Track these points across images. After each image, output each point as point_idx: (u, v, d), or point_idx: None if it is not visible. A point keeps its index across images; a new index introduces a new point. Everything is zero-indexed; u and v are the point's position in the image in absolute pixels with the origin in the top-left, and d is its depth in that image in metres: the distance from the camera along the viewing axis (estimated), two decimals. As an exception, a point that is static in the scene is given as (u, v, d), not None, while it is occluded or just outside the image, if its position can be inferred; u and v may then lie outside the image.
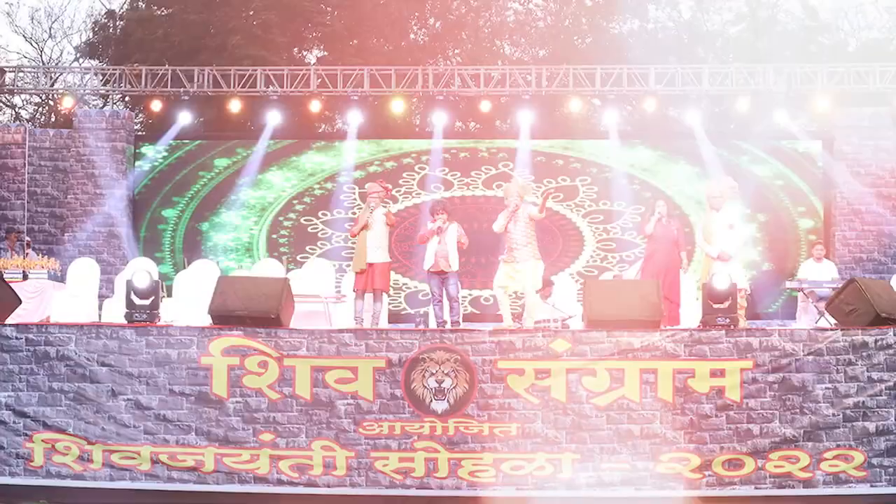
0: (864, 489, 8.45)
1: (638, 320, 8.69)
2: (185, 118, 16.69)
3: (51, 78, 18.44)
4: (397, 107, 16.53)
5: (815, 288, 12.25)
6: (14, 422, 8.67)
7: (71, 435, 8.65)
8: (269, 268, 12.81)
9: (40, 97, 23.53)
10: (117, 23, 23.55)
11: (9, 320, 9.08)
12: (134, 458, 8.63)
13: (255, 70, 16.52)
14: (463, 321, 11.25)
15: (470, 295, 16.24)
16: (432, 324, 11.27)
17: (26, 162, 16.66)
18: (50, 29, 26.19)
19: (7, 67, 17.15)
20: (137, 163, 17.06)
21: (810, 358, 8.55)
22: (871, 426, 8.49)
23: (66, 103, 16.82)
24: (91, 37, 24.25)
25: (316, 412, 8.63)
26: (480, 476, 8.57)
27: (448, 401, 8.62)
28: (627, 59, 20.37)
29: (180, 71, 16.42)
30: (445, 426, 8.60)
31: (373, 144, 17.16)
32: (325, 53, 23.21)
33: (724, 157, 16.42)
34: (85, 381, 8.68)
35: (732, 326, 8.77)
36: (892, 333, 8.55)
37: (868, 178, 16.13)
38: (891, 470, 8.47)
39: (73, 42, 25.96)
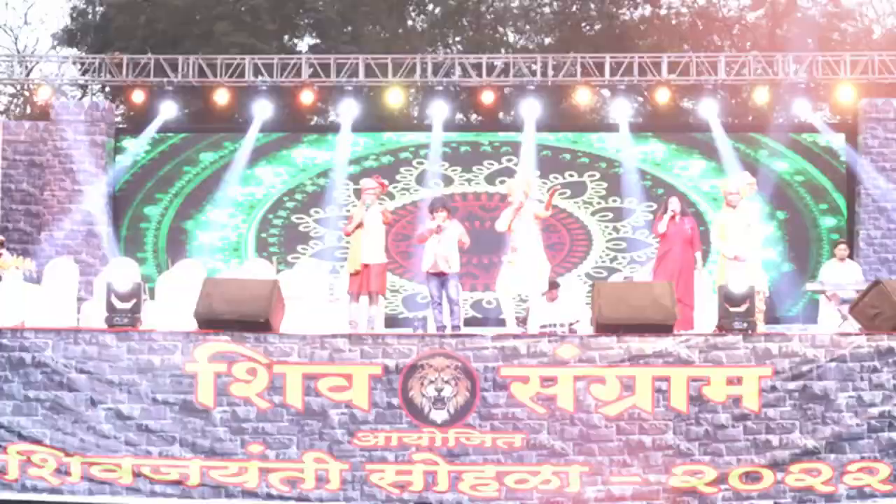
0: (890, 504, 8.46)
1: (650, 324, 8.69)
2: (168, 110, 16.70)
3: (26, 67, 18.45)
4: (394, 98, 16.54)
5: (837, 290, 12.24)
6: (-13, 433, 8.67)
7: (47, 446, 8.62)
8: (257, 269, 12.82)
9: (15, 88, 23.51)
10: (97, 9, 23.58)
11: (-19, 325, 9.08)
12: (114, 471, 8.62)
13: (243, 59, 16.54)
14: (464, 325, 11.24)
15: (471, 297, 16.25)
16: (431, 328, 11.27)
17: (0, 156, 16.65)
18: (25, 15, 26.25)
19: (-21, 56, 17.19)
20: (118, 157, 17.06)
21: (833, 364, 8.54)
22: (898, 437, 8.49)
23: (43, 94, 16.83)
24: (69, 24, 24.30)
25: (308, 422, 8.62)
26: (482, 490, 8.56)
27: (448, 410, 8.62)
28: (638, 47, 20.43)
29: (164, 60, 16.43)
30: (445, 437, 8.59)
31: (368, 138, 17.16)
32: (318, 41, 23.27)
33: (742, 151, 16.44)
34: (62, 390, 8.66)
35: (750, 331, 8.75)
36: (919, 339, 8.56)
37: (894, 173, 16.13)
38: (918, 483, 8.48)
39: (49, 29, 26.04)
